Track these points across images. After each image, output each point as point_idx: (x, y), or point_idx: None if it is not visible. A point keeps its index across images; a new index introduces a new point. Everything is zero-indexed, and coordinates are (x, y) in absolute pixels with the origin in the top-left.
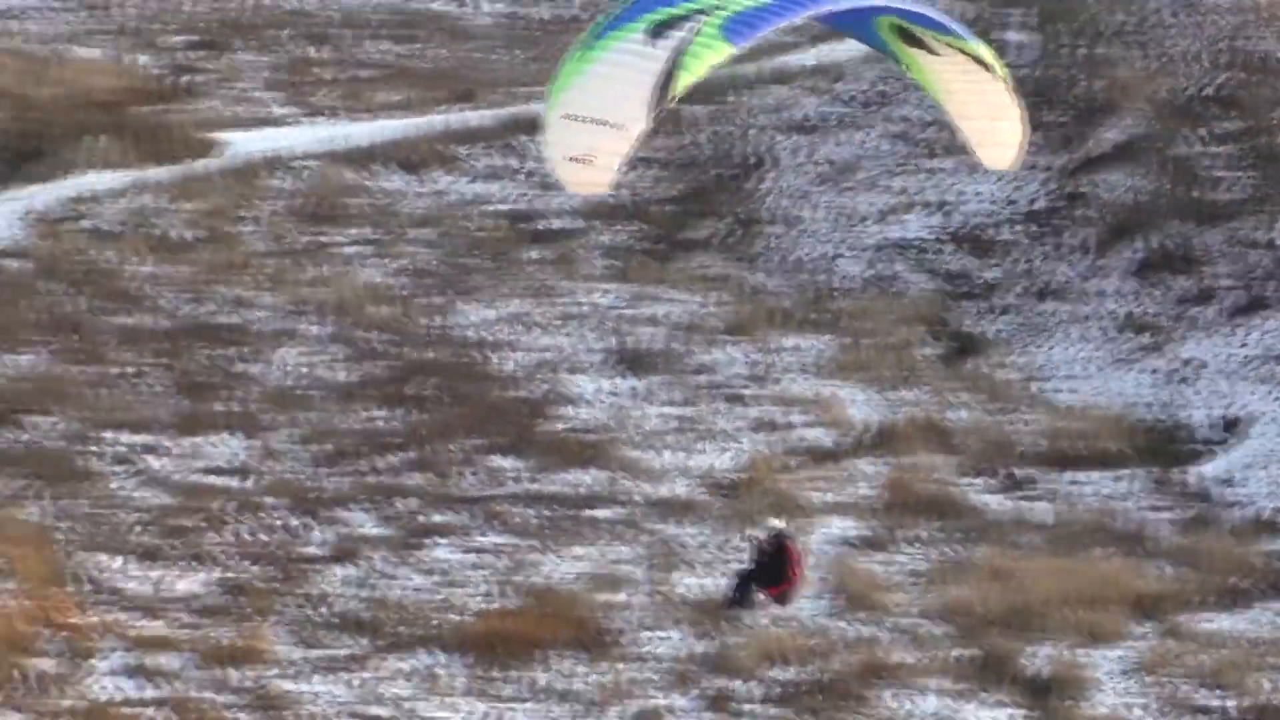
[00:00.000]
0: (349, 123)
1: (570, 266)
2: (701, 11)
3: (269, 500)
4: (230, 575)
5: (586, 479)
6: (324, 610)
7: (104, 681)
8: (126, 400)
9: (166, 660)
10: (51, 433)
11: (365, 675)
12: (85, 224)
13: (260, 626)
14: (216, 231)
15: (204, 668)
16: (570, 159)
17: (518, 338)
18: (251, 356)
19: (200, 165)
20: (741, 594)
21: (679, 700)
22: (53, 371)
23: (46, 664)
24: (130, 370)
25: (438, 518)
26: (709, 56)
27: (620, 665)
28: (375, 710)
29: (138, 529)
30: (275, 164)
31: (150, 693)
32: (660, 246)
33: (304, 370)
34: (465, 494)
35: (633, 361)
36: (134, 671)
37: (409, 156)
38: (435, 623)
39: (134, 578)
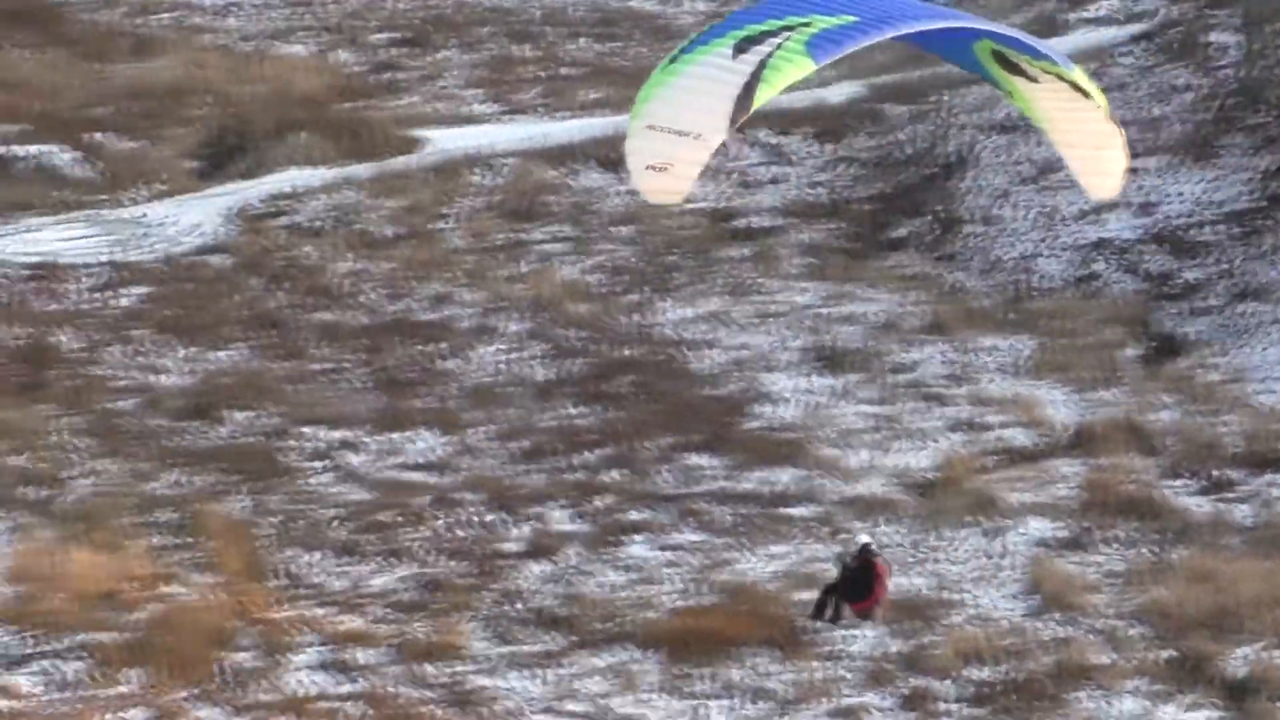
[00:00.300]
0: (549, 120)
1: (769, 265)
2: (789, 29)
3: (467, 496)
4: (427, 571)
5: (783, 477)
6: (520, 606)
7: (300, 676)
8: (325, 396)
9: (363, 655)
10: (251, 428)
11: (560, 671)
12: (286, 220)
13: (457, 622)
14: (417, 228)
15: (400, 663)
16: (649, 167)
17: (715, 336)
18: (451, 353)
19: (401, 162)
20: (824, 607)
21: (875, 699)
22: (253, 367)
23: (244, 658)
24: (329, 366)
25: (634, 515)
26: (791, 71)
27: (815, 663)
28: (570, 706)
29: (335, 524)
30: (475, 161)
31: (346, 687)
32: (859, 245)
33: (502, 367)
34: (661, 491)
35: (830, 360)
36: (330, 666)
37: (609, 154)
38: (630, 619)
39: (331, 573)
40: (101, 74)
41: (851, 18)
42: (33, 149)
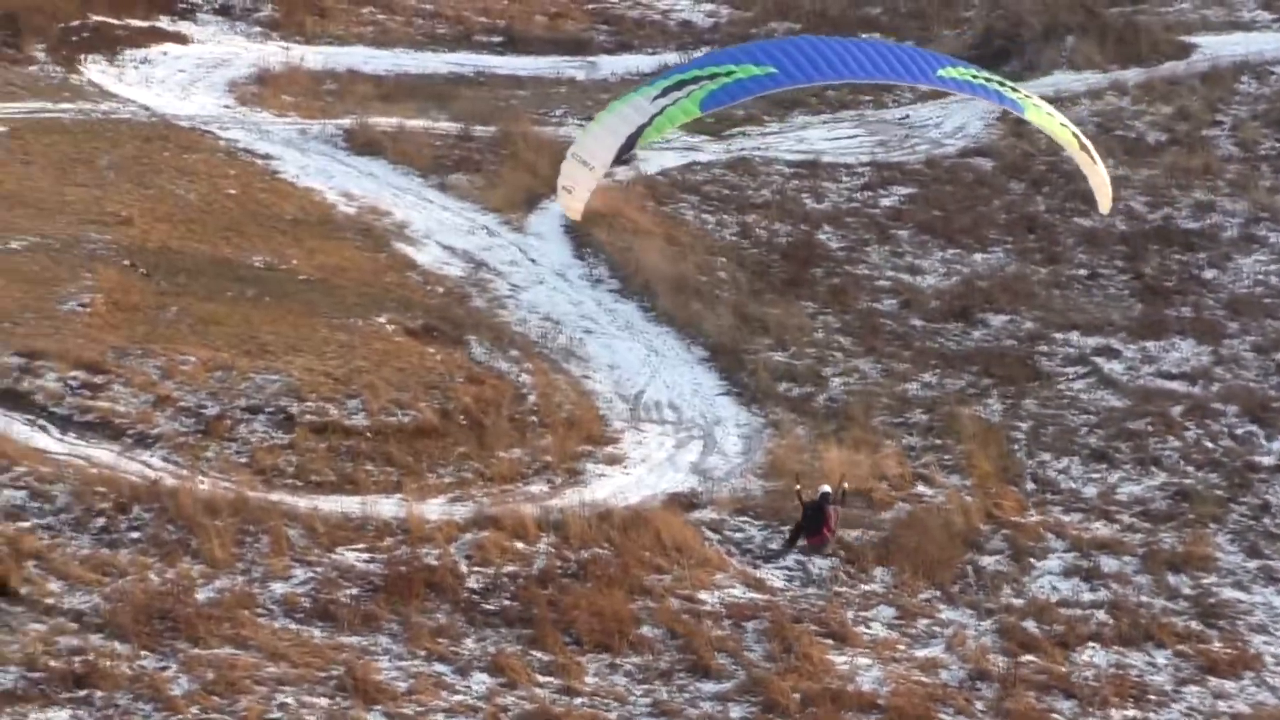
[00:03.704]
0: None
1: None
2: (708, 78)
3: (1221, 407)
4: (1178, 481)
5: None
6: (1269, 520)
7: (1044, 581)
8: (1082, 302)
9: (1108, 563)
10: (1007, 331)
11: None
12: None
13: (1206, 534)
14: (1183, 135)
15: (1147, 572)
16: (562, 187)
17: None
18: (1210, 262)
19: (1168, 68)
20: (792, 538)
21: None
22: (1011, 271)
23: (990, 561)
24: (1085, 273)
25: None
26: (679, 118)
27: None
28: None
29: (1087, 431)
30: (1244, 69)
31: (1088, 595)
32: None
33: (1263, 278)
34: None
35: None
36: (1074, 572)
37: None
38: None
39: (1082, 479)
40: None
41: (771, 69)
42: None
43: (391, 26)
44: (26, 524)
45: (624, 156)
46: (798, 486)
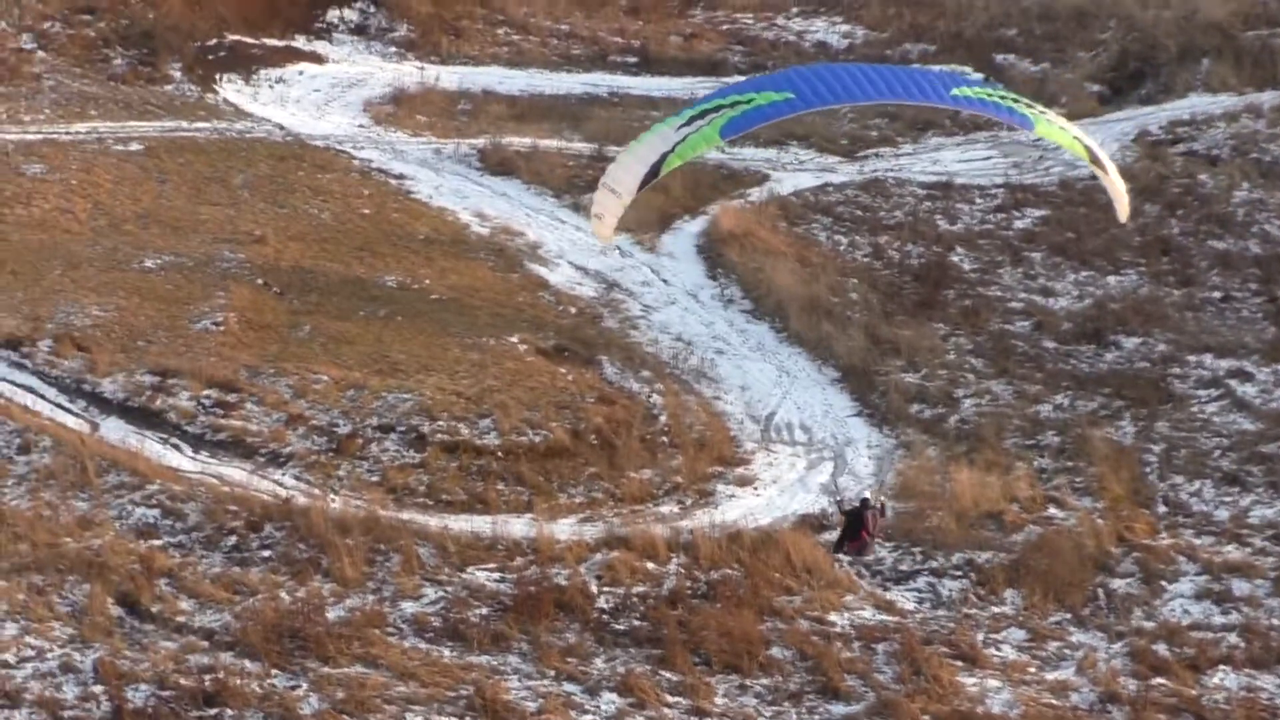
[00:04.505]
0: None
1: None
2: (729, 105)
3: None
4: None
5: None
6: None
7: (1175, 604)
8: (1215, 325)
9: (1239, 586)
10: (1141, 353)
11: None
12: (1184, 147)
13: None
14: None
15: (1278, 596)
16: (595, 214)
17: None
18: None
19: None
20: (838, 545)
21: None
22: (1145, 292)
23: (1122, 584)
24: (1218, 295)
25: None
26: (701, 146)
27: None
28: None
29: (1220, 453)
30: None
31: (1220, 618)
32: None
33: None
34: None
35: None
36: (1206, 595)
37: None
38: None
39: (1214, 502)
40: None
41: (789, 94)
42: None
43: (526, 47)
44: (159, 542)
45: (649, 184)
46: (837, 499)
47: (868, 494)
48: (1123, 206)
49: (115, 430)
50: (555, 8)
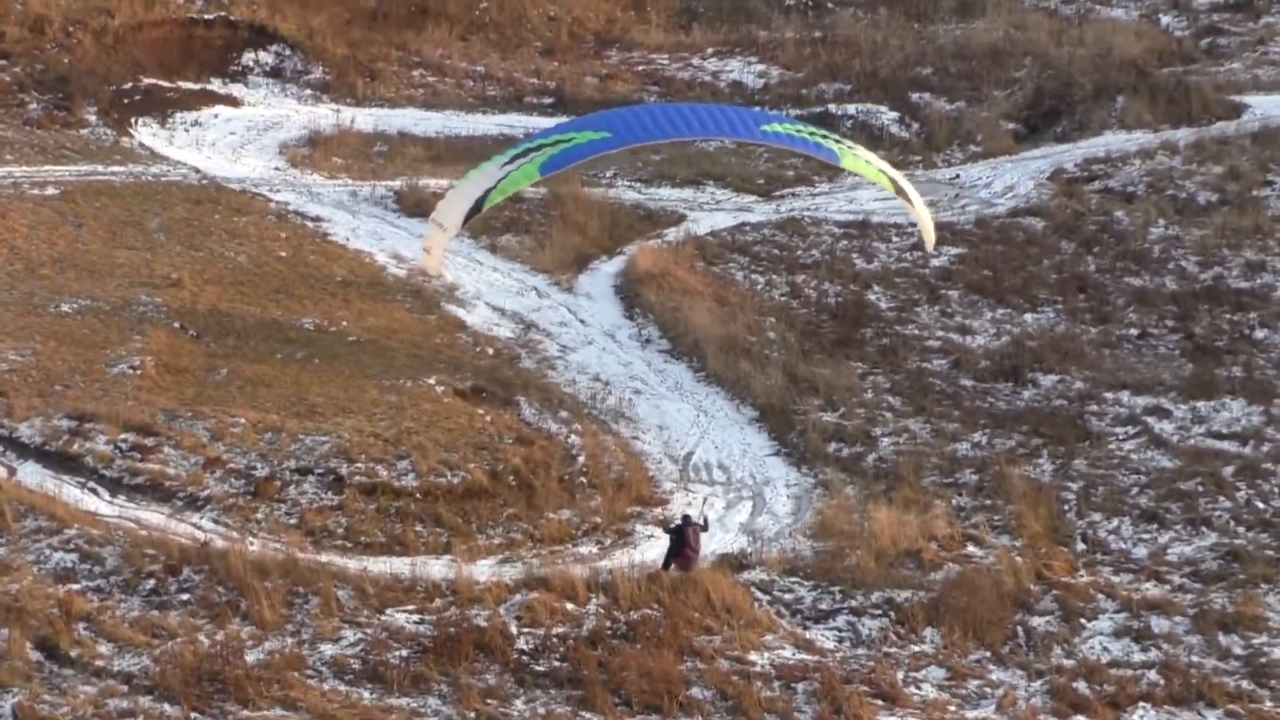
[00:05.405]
0: None
1: None
2: (550, 144)
3: (1272, 468)
4: (1229, 541)
5: None
6: None
7: (1095, 642)
8: (1132, 362)
9: (1159, 623)
10: (1058, 391)
11: None
12: (1100, 184)
13: (1257, 594)
14: (1234, 195)
15: (1198, 633)
16: (424, 248)
17: None
18: (1262, 322)
19: (1219, 128)
20: (665, 563)
21: None
22: (1061, 330)
23: (1041, 622)
24: (1135, 332)
25: None
26: (521, 182)
27: None
28: None
29: (1136, 491)
30: None
31: (1140, 655)
32: None
33: None
34: None
35: None
36: (1125, 633)
37: None
38: None
39: (1132, 540)
40: (923, 34)
41: (605, 133)
42: (852, 108)
43: (442, 88)
44: (77, 586)
45: (472, 218)
46: (663, 519)
47: (690, 511)
48: (929, 236)
49: (33, 475)
50: (471, 49)
